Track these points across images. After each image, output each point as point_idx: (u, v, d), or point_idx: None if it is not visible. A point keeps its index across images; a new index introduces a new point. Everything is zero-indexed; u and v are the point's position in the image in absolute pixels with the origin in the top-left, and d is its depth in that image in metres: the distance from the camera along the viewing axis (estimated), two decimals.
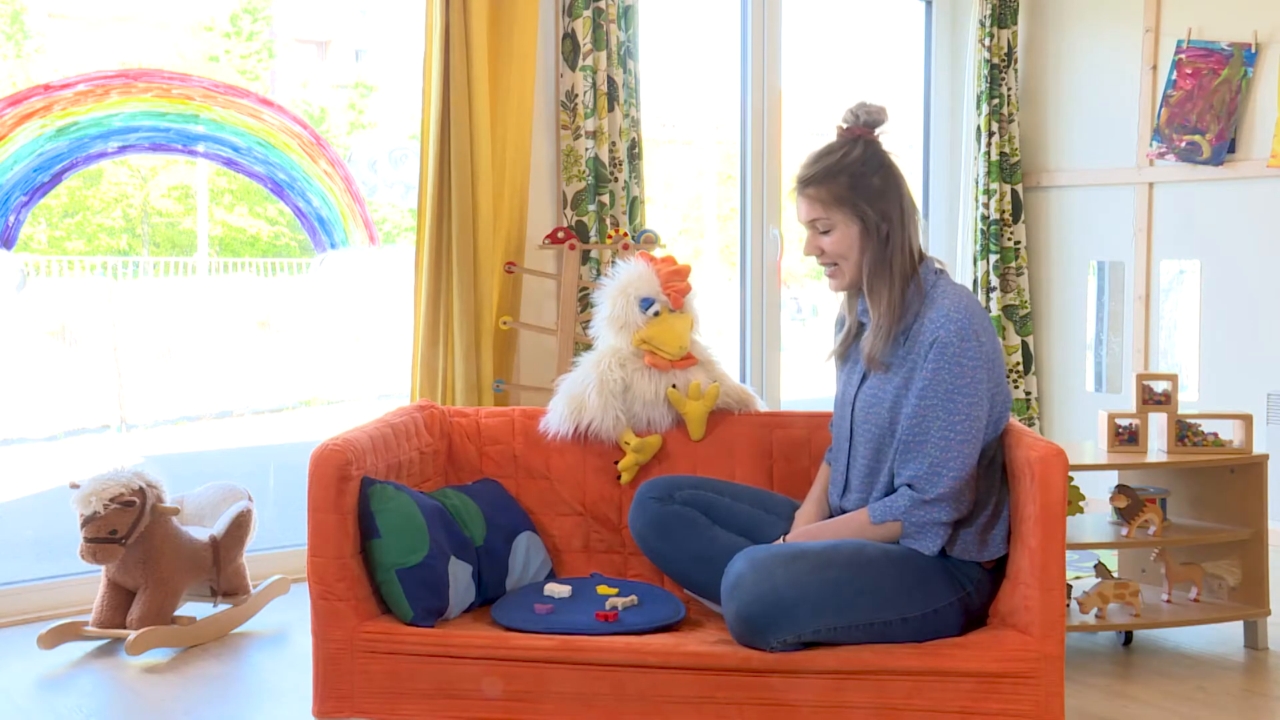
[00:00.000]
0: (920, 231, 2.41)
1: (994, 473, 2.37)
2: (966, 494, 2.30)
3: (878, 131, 2.40)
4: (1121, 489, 3.16)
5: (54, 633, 3.14)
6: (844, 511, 2.50)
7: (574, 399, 2.80)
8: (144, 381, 7.92)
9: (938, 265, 2.41)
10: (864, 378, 2.44)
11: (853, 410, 2.45)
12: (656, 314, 2.79)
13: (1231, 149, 4.59)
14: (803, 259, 2.45)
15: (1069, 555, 3.56)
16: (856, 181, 2.34)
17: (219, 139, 3.52)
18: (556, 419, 2.81)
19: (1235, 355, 4.64)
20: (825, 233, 2.37)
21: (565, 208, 4.02)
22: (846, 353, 2.50)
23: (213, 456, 7.14)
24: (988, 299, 5.09)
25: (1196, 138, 4.67)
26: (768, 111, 4.77)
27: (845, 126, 2.40)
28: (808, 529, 2.44)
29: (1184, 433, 3.26)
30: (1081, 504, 3.20)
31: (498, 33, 3.85)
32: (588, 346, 3.03)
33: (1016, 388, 5.13)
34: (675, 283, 2.81)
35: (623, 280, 2.81)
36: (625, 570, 2.82)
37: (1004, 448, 2.39)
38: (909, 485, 2.31)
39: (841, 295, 2.51)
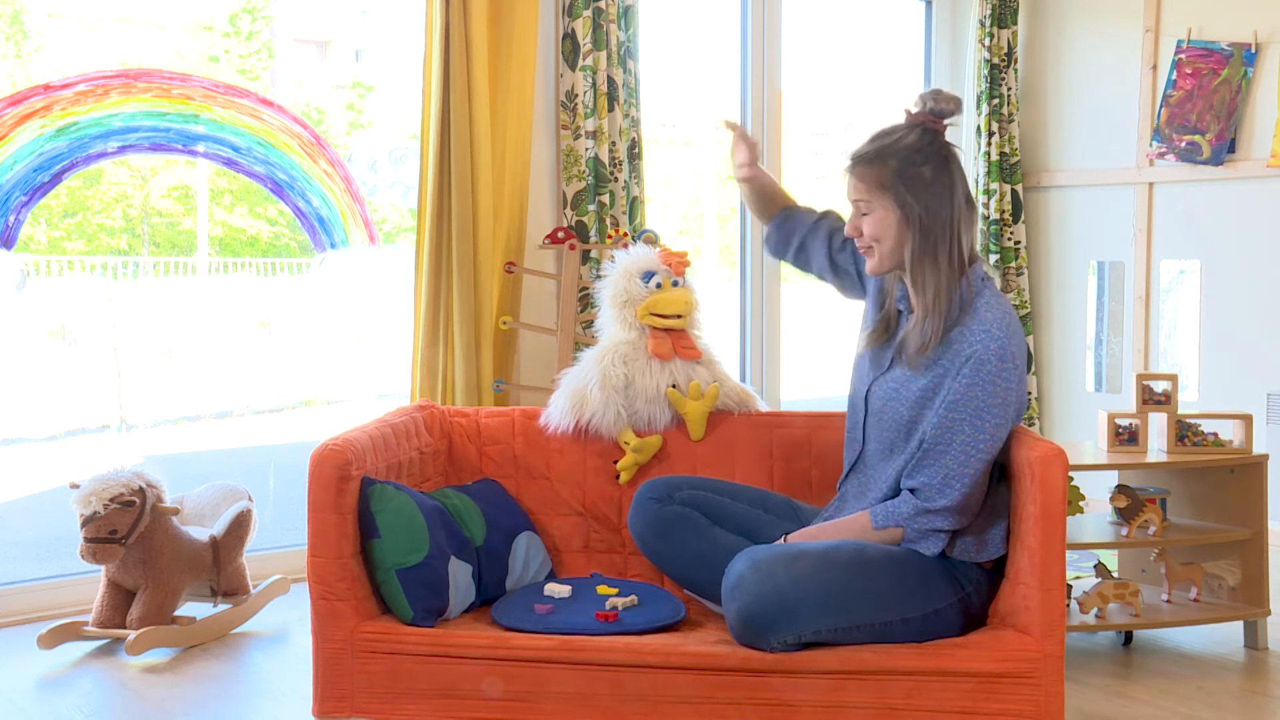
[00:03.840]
0: (976, 232, 2.38)
1: (993, 473, 2.36)
2: (973, 506, 2.30)
3: (947, 122, 2.34)
4: (1121, 489, 3.16)
5: (54, 633, 3.14)
6: (842, 497, 2.50)
7: (576, 393, 2.80)
8: (144, 381, 7.93)
9: (986, 271, 2.37)
10: (887, 367, 2.42)
11: (867, 399, 2.45)
12: (658, 285, 2.82)
13: (1231, 149, 4.59)
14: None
15: (1069, 555, 3.56)
16: (905, 169, 2.29)
17: (219, 139, 3.52)
18: (558, 413, 2.82)
19: (1235, 355, 4.64)
20: (865, 214, 2.34)
21: (565, 208, 4.02)
22: (882, 336, 2.46)
23: (213, 456, 7.14)
24: None
25: (1196, 138, 4.67)
26: (768, 111, 4.77)
27: (912, 111, 2.34)
28: (809, 530, 2.43)
29: (1184, 433, 3.26)
30: (1081, 504, 3.20)
31: (498, 33, 3.85)
32: (588, 346, 3.04)
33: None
34: (675, 258, 2.87)
35: (625, 262, 2.85)
36: (625, 570, 2.82)
37: (1004, 448, 2.39)
38: (913, 491, 2.31)
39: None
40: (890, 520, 2.32)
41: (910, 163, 2.29)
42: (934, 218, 2.29)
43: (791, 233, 2.70)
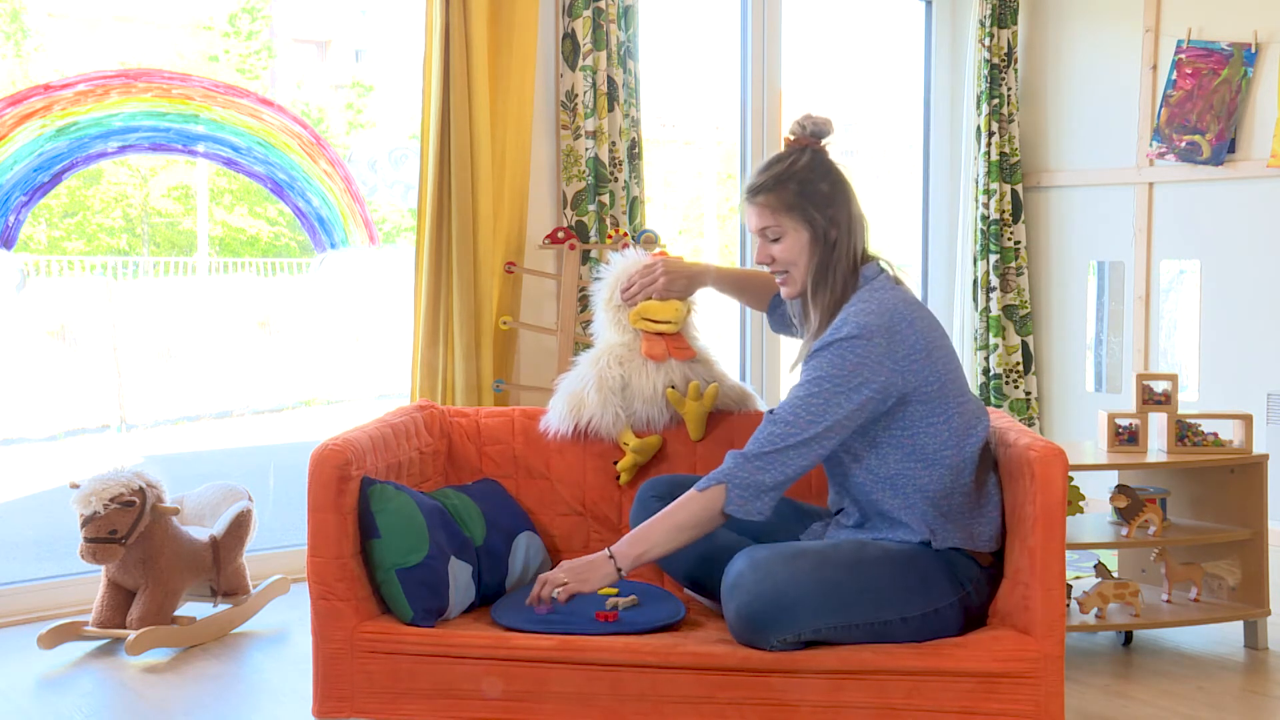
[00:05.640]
0: (868, 239, 2.44)
1: (976, 466, 2.34)
2: (791, 465, 2.26)
3: (824, 142, 2.43)
4: (1121, 489, 3.16)
5: (54, 633, 3.14)
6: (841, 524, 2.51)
7: (573, 396, 2.80)
8: (144, 381, 7.93)
9: (883, 265, 2.42)
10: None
11: None
12: None
13: (1231, 149, 4.59)
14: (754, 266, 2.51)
15: (1069, 555, 3.56)
16: (805, 188, 2.37)
17: (219, 139, 3.52)
18: (556, 417, 2.82)
19: (1235, 355, 4.64)
20: (775, 240, 2.40)
21: (565, 208, 4.03)
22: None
23: (213, 456, 7.14)
24: (988, 299, 5.09)
25: (1196, 138, 4.67)
26: (768, 111, 4.77)
27: (792, 138, 2.43)
28: (633, 534, 2.34)
29: (1184, 433, 3.26)
30: (1081, 504, 3.20)
31: (498, 33, 3.85)
32: (588, 346, 3.04)
33: (1016, 388, 5.12)
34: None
35: (619, 266, 2.85)
36: None
37: (999, 445, 2.39)
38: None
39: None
40: (710, 480, 2.29)
41: (809, 181, 2.37)
42: (839, 229, 2.37)
43: (784, 314, 2.74)
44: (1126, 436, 3.30)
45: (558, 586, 2.29)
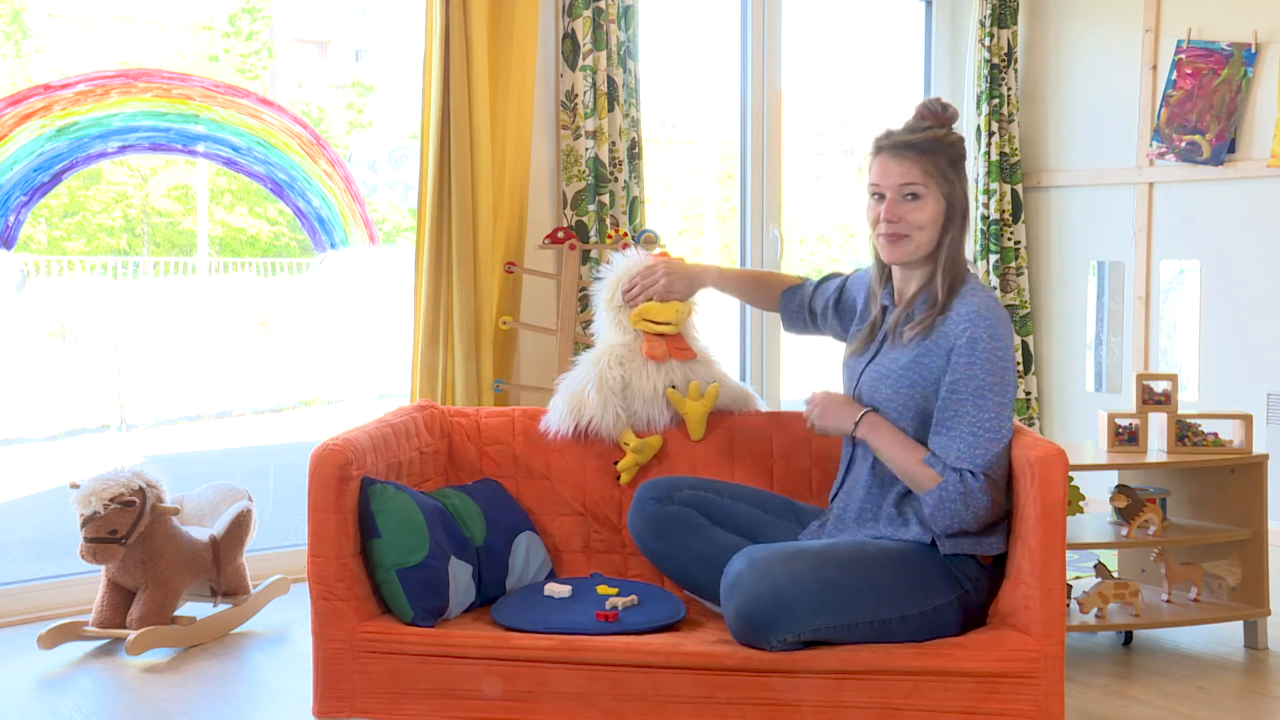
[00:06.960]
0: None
1: None
2: (1000, 489, 2.29)
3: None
4: (1121, 489, 3.16)
5: (54, 633, 3.14)
6: (838, 517, 2.51)
7: (573, 397, 2.80)
8: (144, 381, 7.92)
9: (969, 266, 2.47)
10: (873, 356, 2.46)
11: (858, 389, 2.47)
12: None
13: (1231, 149, 4.59)
14: (869, 224, 2.49)
15: (1069, 555, 3.56)
16: (954, 163, 2.39)
17: (219, 139, 3.52)
18: (557, 418, 2.82)
19: (1235, 355, 4.64)
20: (912, 199, 2.37)
21: (565, 208, 4.03)
22: (870, 337, 2.52)
23: (213, 456, 7.14)
24: None
25: (1196, 138, 4.67)
26: (768, 111, 4.77)
27: (933, 112, 2.42)
28: (888, 426, 2.37)
29: (1184, 433, 3.26)
30: (1081, 504, 3.20)
31: (498, 33, 3.85)
32: (588, 346, 3.04)
33: (1016, 388, 5.13)
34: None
35: (621, 267, 2.84)
36: (625, 570, 2.82)
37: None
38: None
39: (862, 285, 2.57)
40: (933, 463, 2.30)
41: (958, 158, 2.41)
42: (965, 213, 2.41)
43: (800, 307, 2.76)
44: (1126, 436, 3.30)
45: (815, 407, 2.47)
